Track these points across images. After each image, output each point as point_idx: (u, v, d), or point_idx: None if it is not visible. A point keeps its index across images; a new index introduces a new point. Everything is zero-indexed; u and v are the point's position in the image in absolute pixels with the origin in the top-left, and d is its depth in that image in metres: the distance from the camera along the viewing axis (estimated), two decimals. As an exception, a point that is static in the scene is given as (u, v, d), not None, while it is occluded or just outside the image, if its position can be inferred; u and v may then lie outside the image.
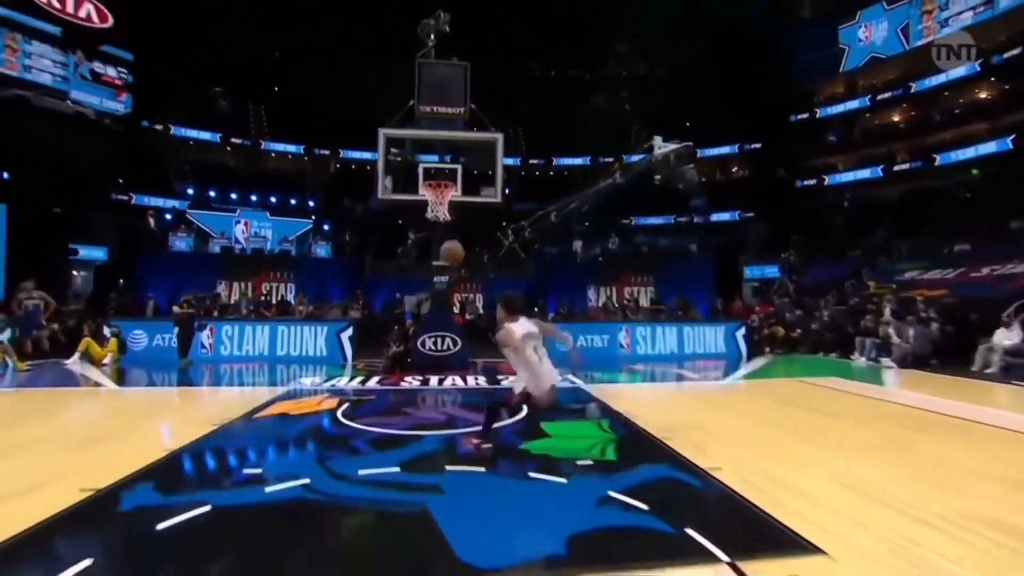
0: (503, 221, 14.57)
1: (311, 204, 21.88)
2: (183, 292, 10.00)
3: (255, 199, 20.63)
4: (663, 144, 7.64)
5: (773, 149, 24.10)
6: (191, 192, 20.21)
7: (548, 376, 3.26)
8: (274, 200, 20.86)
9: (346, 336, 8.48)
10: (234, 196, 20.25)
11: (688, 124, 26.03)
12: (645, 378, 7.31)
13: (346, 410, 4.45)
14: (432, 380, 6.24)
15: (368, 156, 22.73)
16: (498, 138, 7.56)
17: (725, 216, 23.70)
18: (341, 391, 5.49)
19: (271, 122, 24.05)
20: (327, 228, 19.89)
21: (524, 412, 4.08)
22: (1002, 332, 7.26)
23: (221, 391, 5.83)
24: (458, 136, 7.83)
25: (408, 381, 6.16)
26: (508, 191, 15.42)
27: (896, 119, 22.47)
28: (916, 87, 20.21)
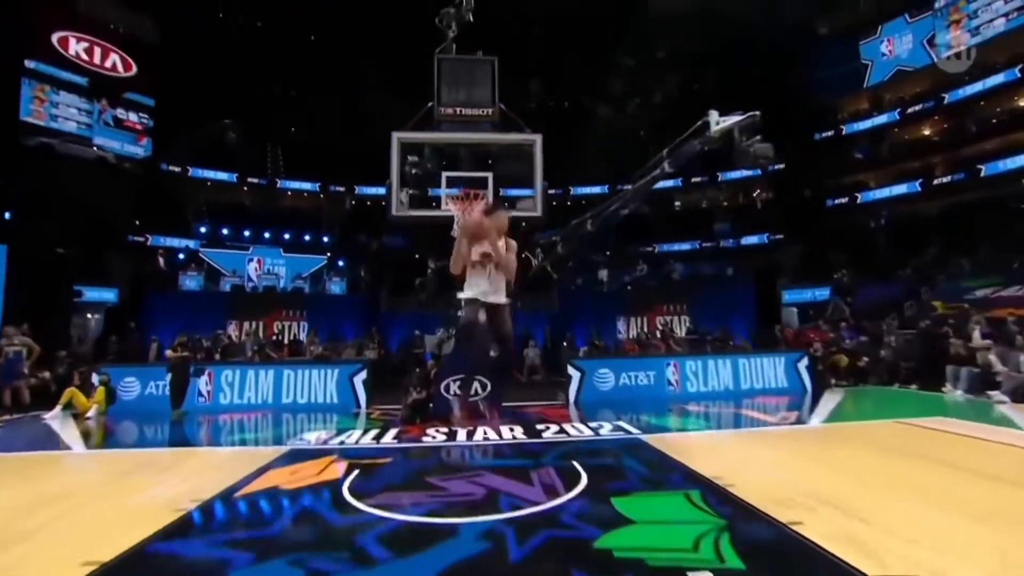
0: (522, 252, 13.79)
1: (325, 240, 21.50)
2: (191, 333, 9.28)
3: (268, 236, 20.32)
4: (720, 119, 6.66)
5: (799, 169, 23.33)
6: (204, 230, 20.00)
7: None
8: (288, 236, 20.53)
9: (359, 380, 7.55)
10: (247, 233, 19.97)
11: (705, 148, 25.43)
12: (710, 422, 6.19)
13: (355, 481, 3.47)
14: (459, 432, 5.25)
15: (384, 192, 22.47)
16: (536, 139, 6.68)
17: (754, 239, 22.79)
18: (350, 452, 4.51)
19: (287, 160, 24.11)
20: (342, 264, 19.39)
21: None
22: None
23: (207, 454, 4.88)
24: (488, 138, 6.91)
25: (431, 435, 5.16)
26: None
27: (927, 132, 21.60)
28: (949, 98, 19.35)
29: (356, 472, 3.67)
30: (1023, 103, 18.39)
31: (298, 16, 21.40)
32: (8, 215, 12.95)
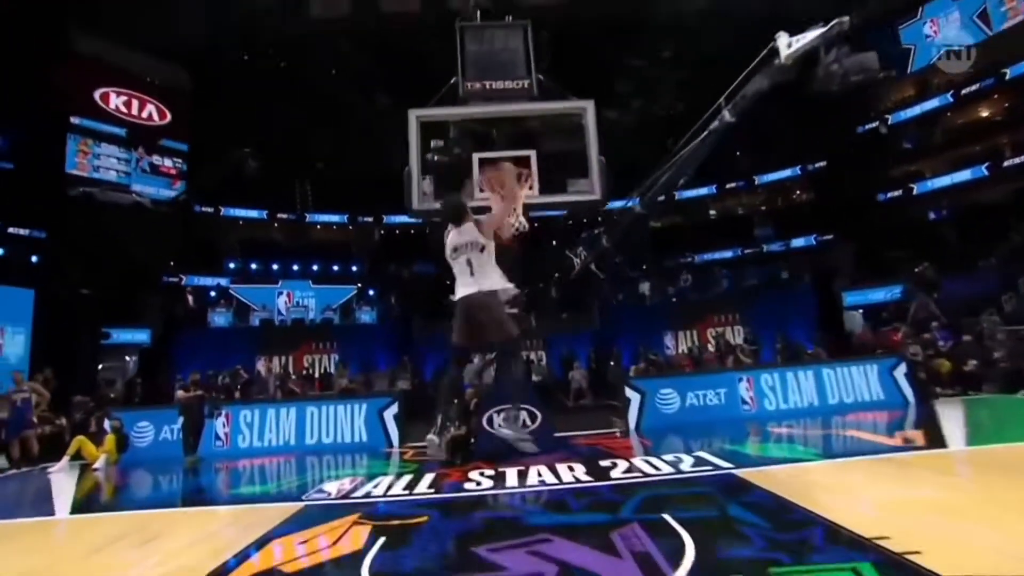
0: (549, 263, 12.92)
1: (354, 270, 21.31)
2: (209, 371, 8.76)
3: (296, 269, 20.24)
4: (793, 39, 5.51)
5: (842, 164, 21.93)
6: (233, 266, 20.13)
7: None
8: (316, 268, 20.40)
9: (390, 414, 6.77)
10: (276, 267, 19.96)
11: (738, 153, 24.28)
12: (811, 448, 5.06)
13: (379, 556, 2.59)
14: (508, 473, 4.34)
15: (413, 221, 22.24)
16: (587, 106, 5.69)
17: (800, 242, 21.38)
18: (378, 509, 3.64)
19: (315, 194, 24.31)
20: (372, 293, 19.01)
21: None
22: None
23: (205, 516, 4.06)
24: (525, 109, 5.86)
25: (474, 480, 4.26)
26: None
27: (986, 113, 19.96)
28: (1011, 73, 17.75)
29: (382, 540, 2.79)
30: (1101, 70, 16.68)
31: (318, 54, 21.78)
32: (35, 259, 13.08)
